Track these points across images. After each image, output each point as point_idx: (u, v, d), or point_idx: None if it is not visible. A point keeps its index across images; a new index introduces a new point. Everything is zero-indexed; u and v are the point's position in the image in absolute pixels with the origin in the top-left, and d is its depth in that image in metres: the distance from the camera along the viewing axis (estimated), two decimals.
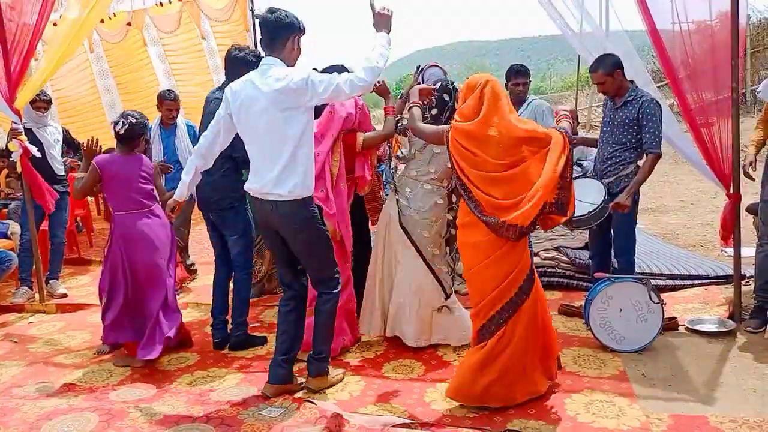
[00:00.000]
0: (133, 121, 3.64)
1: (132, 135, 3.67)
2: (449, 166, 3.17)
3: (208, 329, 4.05)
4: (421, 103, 3.41)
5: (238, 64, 3.58)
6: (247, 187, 3.16)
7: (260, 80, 2.96)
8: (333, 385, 3.26)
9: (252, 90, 2.97)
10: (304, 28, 3.06)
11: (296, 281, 3.26)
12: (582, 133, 8.00)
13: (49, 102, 5.32)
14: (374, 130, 3.86)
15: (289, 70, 2.97)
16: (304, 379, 3.27)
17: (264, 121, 2.96)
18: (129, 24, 7.27)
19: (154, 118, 5.23)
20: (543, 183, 2.82)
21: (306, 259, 3.18)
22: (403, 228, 3.64)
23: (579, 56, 14.26)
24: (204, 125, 3.61)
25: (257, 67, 3.05)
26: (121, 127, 3.63)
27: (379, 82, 4.15)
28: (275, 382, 3.19)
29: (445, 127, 3.11)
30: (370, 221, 4.28)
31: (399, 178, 3.83)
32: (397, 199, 3.72)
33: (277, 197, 2.99)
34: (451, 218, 3.62)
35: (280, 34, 3.00)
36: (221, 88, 3.71)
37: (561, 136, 2.93)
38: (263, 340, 3.96)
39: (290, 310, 3.25)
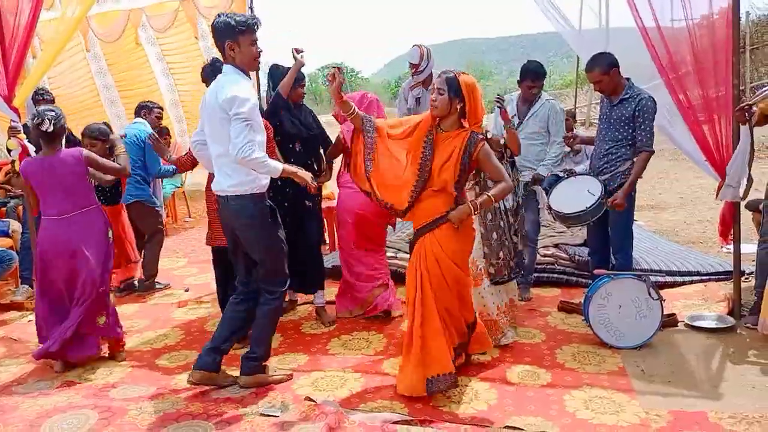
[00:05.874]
0: (58, 113, 3.50)
1: (60, 131, 3.53)
2: None
3: (209, 326, 4.04)
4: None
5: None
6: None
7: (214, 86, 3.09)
8: (268, 383, 3.27)
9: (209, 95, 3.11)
10: (241, 30, 2.97)
11: (250, 281, 3.29)
12: (581, 131, 8.01)
13: (52, 101, 5.30)
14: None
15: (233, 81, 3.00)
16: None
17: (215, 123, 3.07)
18: (128, 18, 7.26)
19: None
20: None
21: (257, 254, 3.20)
22: None
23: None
24: None
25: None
26: (50, 125, 3.44)
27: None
28: (198, 367, 3.20)
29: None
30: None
31: None
32: None
33: (224, 192, 3.12)
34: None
35: (217, 42, 3.05)
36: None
37: None
38: None
39: (239, 302, 3.29)
